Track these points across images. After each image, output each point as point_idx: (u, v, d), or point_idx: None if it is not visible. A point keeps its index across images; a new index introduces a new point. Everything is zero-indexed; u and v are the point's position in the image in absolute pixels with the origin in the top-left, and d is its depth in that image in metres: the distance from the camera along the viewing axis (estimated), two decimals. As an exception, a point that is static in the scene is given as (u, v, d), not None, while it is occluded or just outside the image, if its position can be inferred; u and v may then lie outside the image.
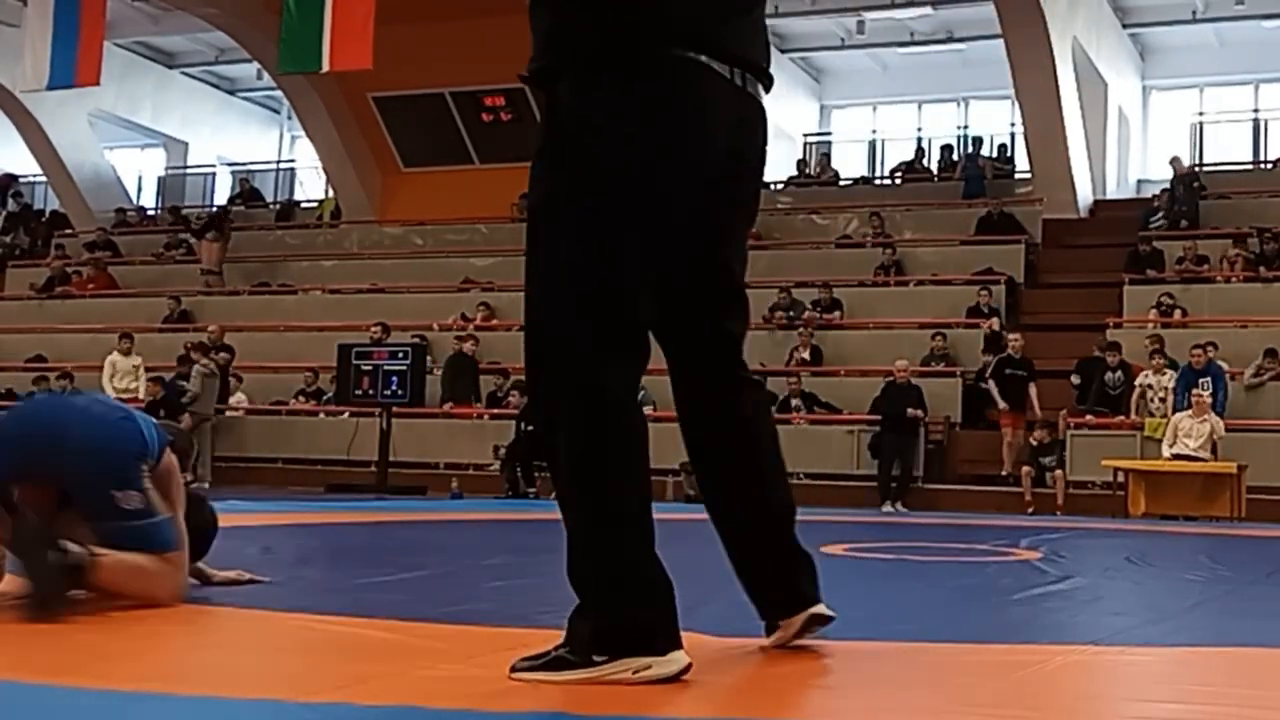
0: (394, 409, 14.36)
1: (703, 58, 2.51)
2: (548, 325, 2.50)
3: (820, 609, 2.73)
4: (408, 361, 14.21)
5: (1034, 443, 13.54)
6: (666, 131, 2.46)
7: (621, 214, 2.45)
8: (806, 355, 15.65)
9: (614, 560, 2.41)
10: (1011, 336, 14.51)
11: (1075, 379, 14.35)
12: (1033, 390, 14.10)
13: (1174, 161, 18.47)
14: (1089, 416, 13.77)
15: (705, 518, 2.81)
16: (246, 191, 24.54)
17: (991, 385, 14.22)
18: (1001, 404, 14.07)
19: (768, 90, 2.70)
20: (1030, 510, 12.83)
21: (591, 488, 2.42)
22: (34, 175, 24.93)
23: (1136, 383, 13.74)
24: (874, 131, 23.80)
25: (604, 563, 2.41)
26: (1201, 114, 21.85)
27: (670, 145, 2.47)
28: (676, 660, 2.37)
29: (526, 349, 2.53)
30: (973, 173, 19.50)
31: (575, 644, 2.39)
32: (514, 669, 2.41)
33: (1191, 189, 18.01)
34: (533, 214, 2.56)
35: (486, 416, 15.46)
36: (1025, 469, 13.34)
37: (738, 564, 2.76)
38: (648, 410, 2.86)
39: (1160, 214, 17.81)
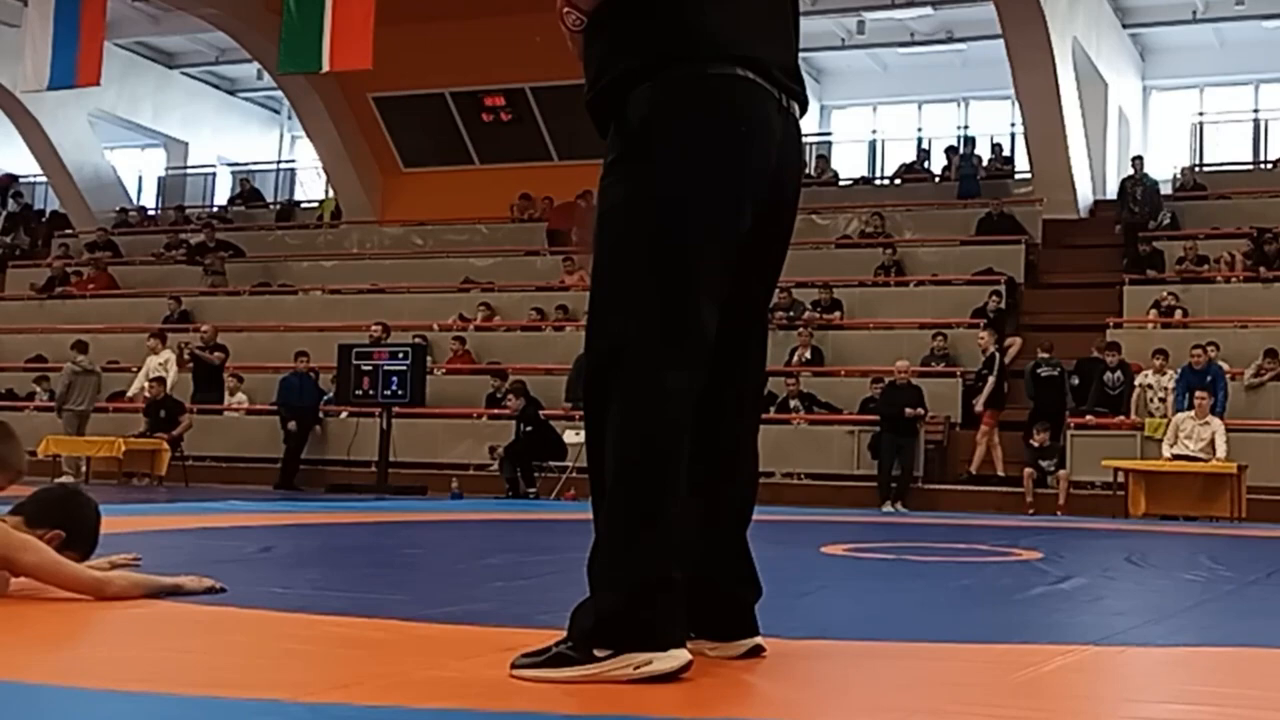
0: (394, 409, 14.38)
1: (752, 75, 2.60)
2: (616, 326, 2.54)
3: (759, 641, 2.68)
4: (408, 361, 14.23)
5: (1034, 444, 13.53)
6: (730, 148, 2.56)
7: (688, 224, 2.53)
8: (808, 355, 15.66)
9: (638, 557, 2.42)
10: (980, 335, 14.63)
11: (1074, 379, 14.34)
12: (986, 385, 14.18)
13: (1135, 161, 18.28)
14: (1089, 417, 13.78)
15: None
16: (247, 192, 24.55)
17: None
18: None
19: (803, 113, 2.78)
20: (1031, 511, 12.82)
21: (635, 485, 2.45)
22: (34, 175, 24.93)
23: (1136, 383, 13.74)
24: (874, 132, 23.80)
25: (628, 559, 2.42)
26: (1201, 114, 21.85)
27: (732, 161, 2.56)
28: (677, 657, 2.37)
29: (589, 348, 2.58)
30: (967, 172, 19.50)
31: (577, 639, 2.40)
32: (515, 665, 2.42)
33: (1153, 191, 17.91)
34: (602, 220, 2.63)
35: (485, 417, 15.46)
36: (1027, 470, 13.33)
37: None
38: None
39: (1124, 217, 17.72)
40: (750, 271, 2.70)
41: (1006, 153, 20.77)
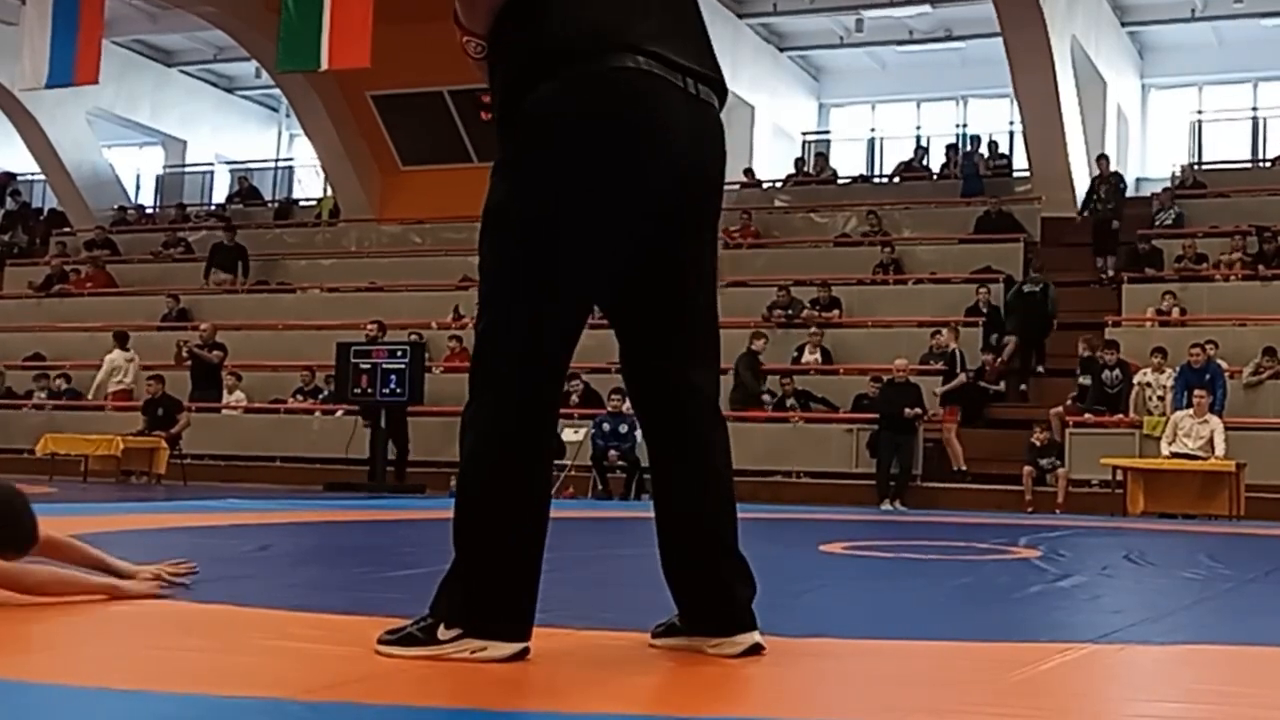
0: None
1: (653, 66, 2.55)
2: (483, 324, 2.59)
3: (758, 638, 2.64)
4: (406, 360, 14.21)
5: (1035, 443, 13.53)
6: (622, 149, 2.52)
7: (566, 229, 2.52)
8: (818, 357, 15.66)
9: (482, 553, 2.52)
10: (940, 333, 14.72)
11: (1086, 379, 14.29)
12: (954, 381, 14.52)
13: (1100, 160, 18.15)
14: (1088, 415, 13.77)
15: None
16: (245, 190, 24.54)
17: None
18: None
19: (723, 101, 2.72)
20: (1030, 509, 12.82)
21: (486, 479, 2.56)
22: (32, 174, 24.94)
23: (1135, 381, 13.73)
24: (873, 130, 23.82)
25: (474, 553, 2.53)
26: (1200, 112, 21.87)
27: (625, 163, 2.52)
28: (512, 647, 2.48)
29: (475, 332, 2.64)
30: (969, 170, 19.50)
31: (428, 624, 2.52)
32: (379, 641, 2.55)
33: (1116, 189, 17.88)
34: (485, 216, 2.64)
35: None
36: (1026, 469, 13.33)
37: (673, 563, 2.70)
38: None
39: (1090, 213, 17.75)
40: (673, 263, 2.66)
41: (1004, 151, 20.79)
